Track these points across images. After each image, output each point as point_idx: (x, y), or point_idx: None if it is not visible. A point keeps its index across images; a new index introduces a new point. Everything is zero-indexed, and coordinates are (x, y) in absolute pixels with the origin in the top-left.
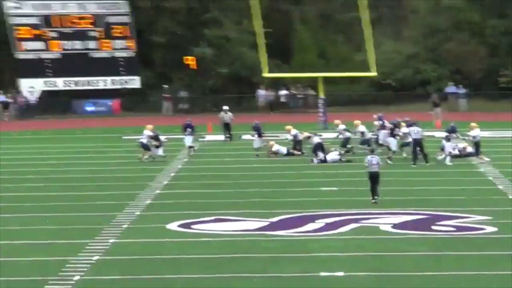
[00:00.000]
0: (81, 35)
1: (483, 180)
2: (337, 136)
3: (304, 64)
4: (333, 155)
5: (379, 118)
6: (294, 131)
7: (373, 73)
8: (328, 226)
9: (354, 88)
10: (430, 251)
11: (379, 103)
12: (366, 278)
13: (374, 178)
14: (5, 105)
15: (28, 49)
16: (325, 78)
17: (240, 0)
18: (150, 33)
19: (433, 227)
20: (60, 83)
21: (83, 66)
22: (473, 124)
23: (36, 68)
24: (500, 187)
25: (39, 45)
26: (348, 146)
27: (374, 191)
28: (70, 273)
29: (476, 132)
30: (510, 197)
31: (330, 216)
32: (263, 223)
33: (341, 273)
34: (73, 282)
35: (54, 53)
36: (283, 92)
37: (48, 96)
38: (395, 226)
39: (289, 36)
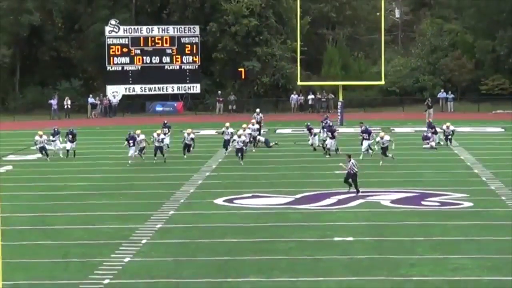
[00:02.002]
0: (159, 52)
1: (462, 165)
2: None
3: (329, 74)
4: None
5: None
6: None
7: (381, 82)
8: (340, 202)
9: (367, 93)
10: (420, 221)
11: (387, 105)
12: (370, 242)
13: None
14: (93, 106)
15: (116, 63)
16: (344, 85)
17: (286, 26)
18: (213, 50)
19: (423, 203)
20: (137, 89)
21: (157, 76)
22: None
23: (120, 77)
24: (476, 171)
25: (125, 60)
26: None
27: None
28: (138, 237)
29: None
30: (483, 179)
31: (342, 194)
32: (290, 199)
33: (350, 238)
34: (141, 244)
35: (135, 66)
36: (311, 96)
37: (127, 99)
38: (392, 201)
39: (320, 53)
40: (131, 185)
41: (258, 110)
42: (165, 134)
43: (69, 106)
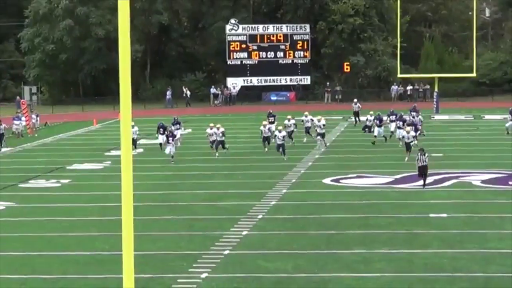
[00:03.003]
0: (273, 48)
1: None
2: None
3: (426, 68)
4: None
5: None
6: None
7: (473, 74)
8: (435, 182)
9: (460, 84)
10: (507, 199)
11: (477, 95)
12: (462, 218)
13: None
14: (215, 95)
15: (236, 57)
16: (439, 77)
17: (387, 24)
18: (322, 46)
19: (510, 182)
20: (254, 81)
21: (272, 69)
22: None
23: (239, 70)
24: None
25: (243, 55)
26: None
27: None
28: (255, 213)
29: None
30: None
31: (437, 175)
32: (390, 179)
33: (444, 215)
34: (257, 219)
35: (253, 60)
36: (409, 87)
37: (245, 89)
38: (483, 181)
39: (418, 49)
40: (248, 166)
41: (355, 100)
42: (271, 123)
43: (188, 96)
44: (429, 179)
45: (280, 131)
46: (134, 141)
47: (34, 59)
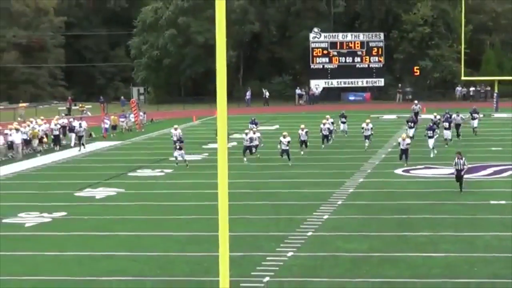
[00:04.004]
0: (351, 54)
1: None
2: None
3: (487, 71)
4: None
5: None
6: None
7: None
8: (495, 172)
9: None
10: None
11: None
12: None
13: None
14: (300, 96)
15: (318, 62)
16: (499, 80)
17: (452, 33)
18: (394, 52)
19: None
20: (334, 82)
21: (350, 72)
22: None
23: (321, 73)
24: None
25: (325, 59)
26: None
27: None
28: (335, 199)
29: None
30: None
31: (496, 166)
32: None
33: (503, 202)
34: (337, 205)
35: (333, 64)
36: (472, 88)
37: (326, 90)
38: None
39: (480, 54)
40: (327, 158)
41: (416, 101)
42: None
43: (267, 96)
44: (488, 170)
45: (284, 137)
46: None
47: (142, 63)
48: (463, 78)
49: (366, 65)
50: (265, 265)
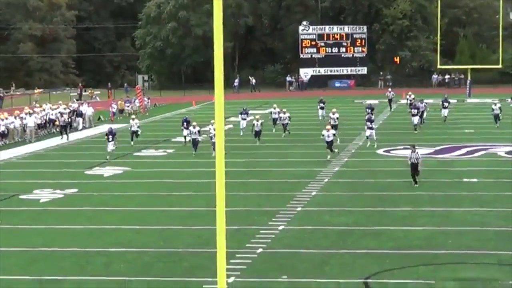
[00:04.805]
0: (337, 44)
1: None
2: None
3: (461, 61)
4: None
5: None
6: None
7: (499, 66)
8: (468, 152)
9: (488, 74)
10: None
11: (504, 82)
12: (490, 182)
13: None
14: (290, 83)
15: (307, 52)
16: (472, 69)
17: (429, 25)
18: (376, 43)
19: None
20: (322, 71)
21: (336, 61)
22: None
23: (309, 62)
24: None
25: (313, 50)
26: None
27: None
28: (322, 177)
29: None
30: None
31: (469, 147)
32: (430, 150)
33: (475, 179)
34: (323, 183)
35: (320, 54)
36: (447, 76)
37: (314, 78)
38: (507, 152)
39: (454, 45)
40: (314, 139)
41: (390, 89)
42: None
43: (253, 84)
44: (462, 150)
45: (258, 120)
46: (135, 133)
47: (146, 53)
48: (439, 66)
49: (351, 55)
50: (258, 237)
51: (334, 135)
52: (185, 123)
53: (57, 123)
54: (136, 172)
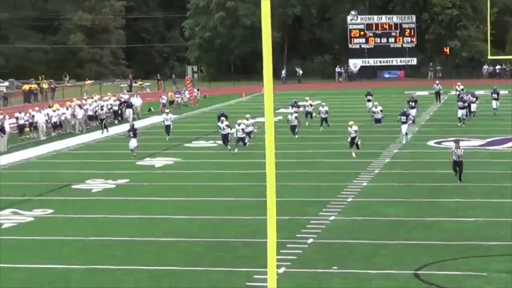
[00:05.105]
0: (386, 35)
1: None
2: None
3: None
4: None
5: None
6: None
7: None
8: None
9: None
10: None
11: None
12: None
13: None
14: (339, 74)
15: (356, 42)
16: None
17: (479, 15)
18: (425, 33)
19: None
20: (371, 61)
21: (385, 52)
22: None
23: (359, 53)
24: None
25: (362, 40)
26: None
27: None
28: (372, 168)
29: None
30: None
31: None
32: (482, 141)
33: None
34: (374, 174)
35: (369, 45)
36: (498, 66)
37: (363, 69)
38: None
39: (505, 35)
40: (365, 131)
41: (437, 81)
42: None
43: (300, 75)
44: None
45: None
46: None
47: (195, 43)
48: (489, 57)
49: (400, 45)
50: (309, 228)
51: (356, 131)
52: (221, 118)
53: (108, 114)
54: (186, 163)
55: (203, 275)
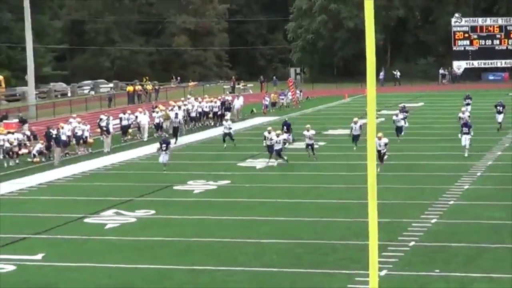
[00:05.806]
0: (490, 37)
1: None
2: None
3: None
4: None
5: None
6: None
7: None
8: None
9: None
10: None
11: None
12: None
13: None
14: (443, 76)
15: (460, 45)
16: None
17: None
18: None
19: None
20: (475, 63)
21: (489, 54)
22: None
23: (463, 55)
24: None
25: (466, 42)
26: None
27: None
28: (475, 171)
29: None
30: None
31: None
32: None
33: None
34: (476, 176)
35: (474, 47)
36: None
37: (468, 71)
38: None
39: None
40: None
41: None
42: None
43: (398, 77)
44: None
45: (356, 123)
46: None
47: (298, 46)
48: None
49: (505, 47)
50: (410, 230)
51: (386, 144)
52: (285, 127)
53: (210, 115)
54: (288, 165)
55: (304, 277)
